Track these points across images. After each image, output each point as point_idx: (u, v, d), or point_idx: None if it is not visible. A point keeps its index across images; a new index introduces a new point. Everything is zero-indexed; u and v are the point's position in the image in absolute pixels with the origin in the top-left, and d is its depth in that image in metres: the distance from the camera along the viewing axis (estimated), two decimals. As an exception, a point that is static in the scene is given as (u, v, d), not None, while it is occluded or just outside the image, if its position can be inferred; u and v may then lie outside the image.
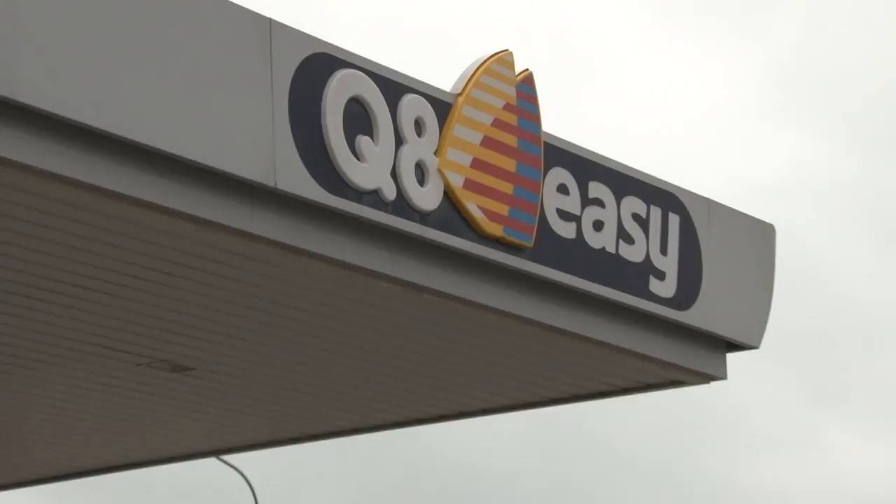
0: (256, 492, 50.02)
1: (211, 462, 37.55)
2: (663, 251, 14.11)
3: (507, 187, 12.72)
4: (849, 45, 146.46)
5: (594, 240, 13.56)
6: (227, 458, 34.88)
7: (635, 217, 13.90)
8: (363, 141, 11.69)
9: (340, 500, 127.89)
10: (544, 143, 13.10)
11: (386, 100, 11.92)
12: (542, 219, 13.06)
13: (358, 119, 11.68)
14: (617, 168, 13.88)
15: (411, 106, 12.11)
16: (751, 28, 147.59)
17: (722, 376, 15.26)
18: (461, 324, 13.55)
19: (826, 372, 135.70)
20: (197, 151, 10.67)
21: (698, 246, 14.39)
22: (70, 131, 10.12)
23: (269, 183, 11.14)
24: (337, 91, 11.57)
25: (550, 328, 13.63)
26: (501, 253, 12.80)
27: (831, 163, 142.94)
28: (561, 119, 13.12)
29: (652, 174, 14.21)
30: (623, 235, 13.80)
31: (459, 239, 12.47)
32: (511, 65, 12.94)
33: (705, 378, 15.26)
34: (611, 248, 13.71)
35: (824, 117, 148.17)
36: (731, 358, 15.29)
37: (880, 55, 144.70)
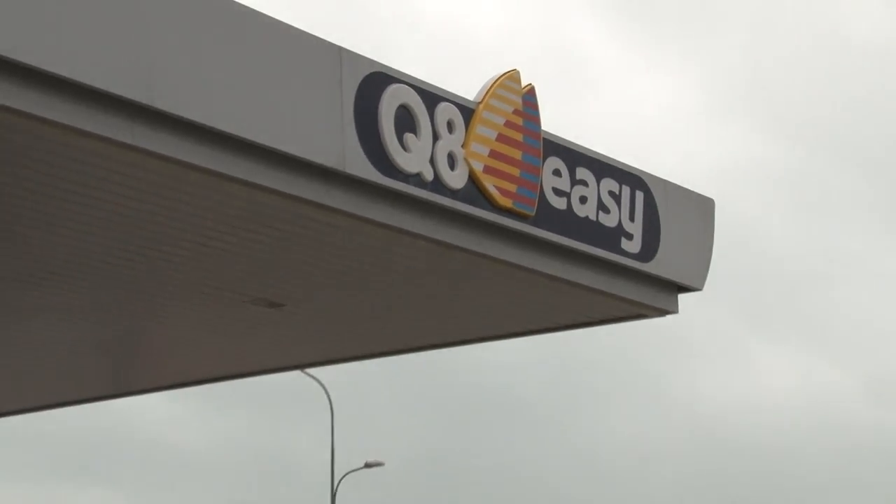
0: (331, 396, 49.91)
1: (296, 374, 37.42)
2: (631, 219, 14.30)
3: (515, 171, 13.01)
4: (782, 51, 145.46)
5: (580, 210, 13.79)
6: (309, 370, 34.63)
7: (611, 193, 14.11)
8: (408, 137, 12.00)
9: (393, 400, 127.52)
10: (543, 138, 13.37)
11: (426, 106, 12.20)
12: (542, 195, 13.32)
13: (404, 120, 11.98)
14: (597, 157, 14.07)
15: (444, 111, 12.39)
16: (701, 39, 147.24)
17: (674, 311, 15.45)
18: (480, 272, 13.78)
19: (756, 309, 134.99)
20: (289, 145, 11.12)
21: (657, 215, 14.56)
22: (207, 135, 10.63)
23: (340, 168, 11.49)
24: (389, 100, 11.88)
25: (547, 276, 13.86)
26: (511, 220, 13.06)
27: (764, 151, 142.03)
28: (555, 119, 13.36)
29: (623, 161, 14.41)
30: (601, 207, 14.01)
31: (480, 210, 12.75)
32: (518, 80, 13.20)
33: (662, 312, 15.43)
34: (592, 217, 13.91)
35: (759, 114, 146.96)
36: (682, 298, 15.48)
37: (805, 58, 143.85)
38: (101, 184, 11.42)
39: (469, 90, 12.84)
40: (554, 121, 13.43)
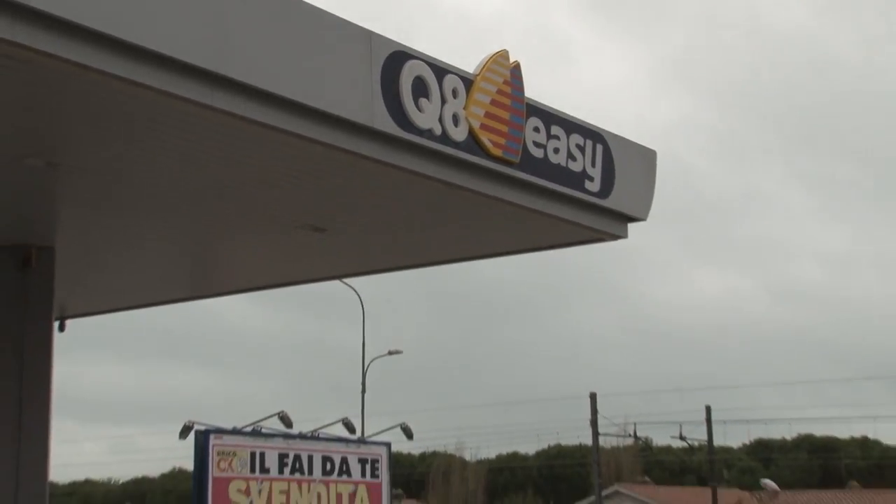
0: (363, 299, 49.77)
1: (336, 283, 37.16)
2: (593, 165, 14.26)
3: (504, 128, 13.02)
4: (715, 34, 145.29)
5: (553, 158, 13.78)
6: (345, 280, 34.24)
7: (577, 146, 14.07)
8: (422, 101, 12.05)
9: (410, 302, 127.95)
10: (525, 102, 13.36)
11: (435, 77, 12.24)
12: (524, 146, 13.32)
13: (419, 88, 12.02)
14: (567, 117, 14.02)
15: (450, 81, 12.41)
16: (652, 27, 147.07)
17: (625, 236, 15.44)
18: (477, 206, 13.77)
19: (691, 234, 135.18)
20: (331, 107, 11.23)
21: (613, 162, 14.54)
22: (269, 98, 10.78)
23: (370, 124, 11.60)
24: (407, 73, 11.93)
25: (528, 209, 13.87)
26: (500, 166, 13.08)
27: (700, 114, 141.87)
28: (536, 87, 13.31)
29: (587, 121, 14.35)
30: (570, 156, 13.97)
31: (477, 157, 12.77)
32: (507, 58, 13.19)
33: (615, 237, 15.41)
34: (563, 164, 13.89)
35: (695, 85, 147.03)
36: (631, 226, 15.46)
37: (732, 40, 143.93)
38: (191, 138, 11.56)
39: (469, 65, 12.86)
40: (535, 88, 13.43)
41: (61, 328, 16.83)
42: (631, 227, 15.54)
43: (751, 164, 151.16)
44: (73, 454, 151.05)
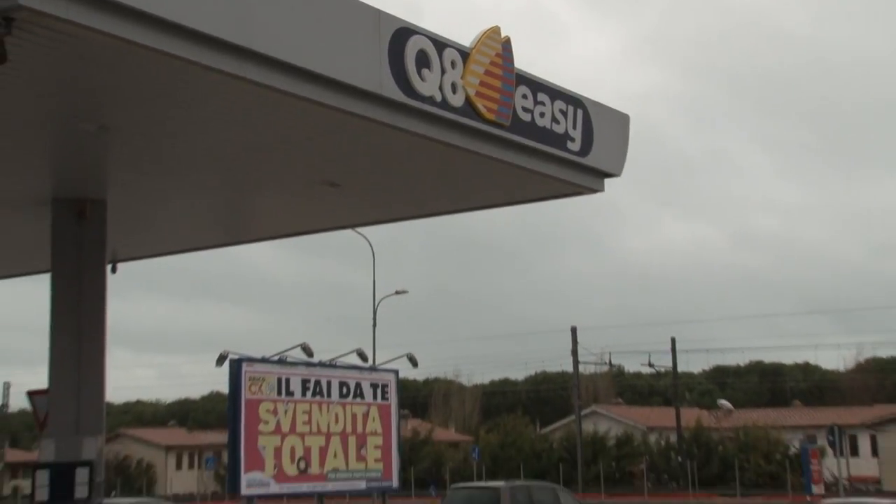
0: (373, 246, 49.76)
1: (349, 232, 37.06)
2: (574, 127, 14.20)
3: (496, 95, 12.97)
4: (685, 15, 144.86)
5: (540, 122, 13.72)
6: (358, 229, 34.18)
7: (560, 111, 14.01)
8: (424, 71, 12.02)
9: (414, 249, 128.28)
10: (515, 73, 13.26)
11: (436, 50, 12.20)
12: (514, 111, 13.27)
13: (422, 60, 12.00)
14: (551, 85, 13.95)
15: (449, 54, 12.36)
16: (630, 6, 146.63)
17: (601, 190, 15.38)
18: (473, 164, 13.73)
19: (663, 188, 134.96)
20: (346, 77, 11.22)
21: (591, 125, 14.46)
22: (291, 69, 10.82)
23: (379, 91, 11.59)
24: (411, 46, 11.91)
25: (517, 166, 13.84)
26: (494, 128, 13.04)
27: (670, 83, 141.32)
28: (526, 59, 13.24)
29: (570, 89, 14.27)
30: (554, 119, 13.92)
31: (472, 121, 12.74)
32: (499, 33, 13.12)
33: (594, 191, 15.37)
34: (548, 126, 13.83)
35: (666, 58, 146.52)
36: (608, 182, 15.42)
37: (699, 19, 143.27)
38: (223, 105, 11.53)
39: (466, 39, 12.77)
40: (525, 60, 13.39)
41: (114, 270, 16.83)
42: (607, 182, 15.47)
43: (715, 127, 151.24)
44: (125, 379, 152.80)
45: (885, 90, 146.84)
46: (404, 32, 11.88)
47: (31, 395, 16.97)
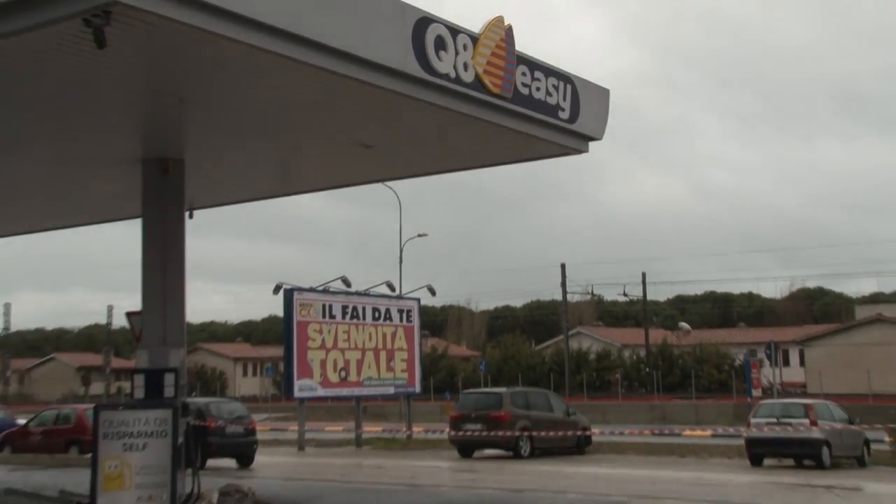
0: (400, 197, 49.61)
1: (379, 185, 36.90)
2: (564, 99, 14.08)
3: (500, 72, 12.89)
4: (662, 2, 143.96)
5: (536, 95, 13.60)
6: (387, 183, 34.04)
7: (553, 86, 13.89)
8: (441, 52, 11.95)
9: (432, 198, 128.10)
10: (516, 54, 13.16)
11: (451, 36, 12.10)
12: (515, 86, 13.18)
13: (439, 43, 11.92)
14: (545, 64, 13.80)
15: (461, 38, 12.27)
16: None
17: (586, 151, 15.24)
18: (481, 129, 13.55)
19: (638, 149, 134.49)
20: (378, 57, 11.15)
21: (578, 97, 14.33)
22: (334, 52, 10.73)
23: (403, 69, 11.53)
24: (430, 33, 11.83)
25: (516, 131, 13.73)
26: (498, 100, 12.95)
27: (641, 62, 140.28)
28: (525, 43, 13.14)
29: (561, 67, 14.16)
30: (548, 93, 13.81)
31: (480, 94, 12.67)
32: (503, 21, 12.97)
33: (580, 152, 15.20)
34: (542, 98, 13.71)
35: (642, 41, 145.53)
36: (592, 145, 15.31)
37: (678, 9, 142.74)
38: (279, 81, 11.46)
39: (476, 26, 12.66)
40: (525, 43, 13.27)
41: (191, 216, 16.82)
42: (592, 145, 15.31)
43: (681, 95, 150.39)
44: (202, 304, 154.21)
45: (815, 68, 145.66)
46: (425, 21, 11.78)
47: (129, 315, 17.14)
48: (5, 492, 16.98)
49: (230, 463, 24.21)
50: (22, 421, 32.02)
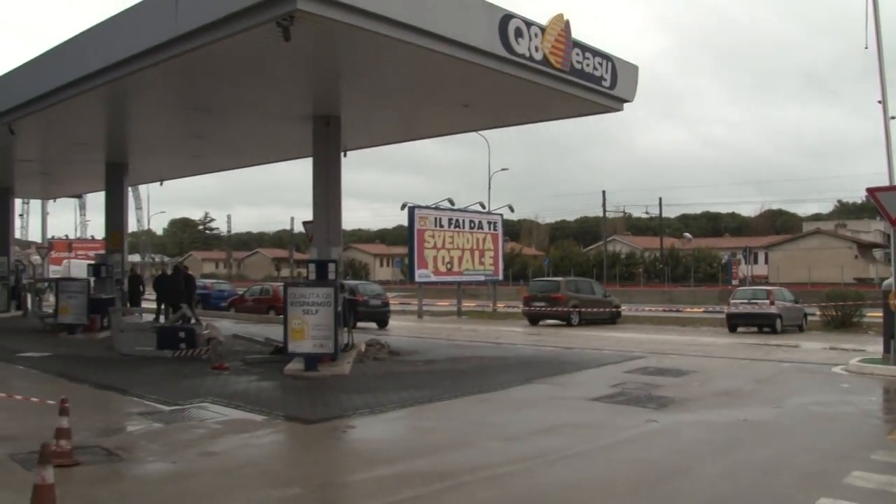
0: (489, 143, 48.94)
1: (474, 134, 36.28)
2: (606, 72, 13.73)
3: (561, 54, 12.58)
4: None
5: (586, 69, 13.30)
6: (480, 132, 33.41)
7: (598, 63, 13.56)
8: (519, 39, 11.73)
9: (510, 145, 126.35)
10: (572, 41, 12.78)
11: (526, 27, 11.84)
12: (571, 63, 12.86)
13: (518, 32, 11.68)
14: (593, 48, 13.46)
15: (533, 29, 12.02)
16: None
17: (622, 109, 14.85)
18: (547, 95, 13.24)
19: (660, 107, 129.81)
20: (476, 43, 10.89)
21: (616, 72, 13.96)
22: (443, 39, 10.53)
23: (492, 51, 11.30)
24: (511, 25, 11.60)
25: (572, 95, 13.44)
26: (559, 72, 12.67)
27: (667, 43, 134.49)
28: (579, 31, 12.76)
29: (603, 49, 13.72)
30: (595, 68, 13.48)
31: (547, 68, 12.41)
32: (562, 17, 12.62)
33: (616, 110, 14.77)
34: (591, 71, 13.40)
35: (668, 26, 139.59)
36: (626, 105, 14.86)
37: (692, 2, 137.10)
38: (408, 61, 11.28)
39: (543, 20, 12.27)
40: (579, 31, 12.84)
41: (345, 155, 16.91)
42: (626, 105, 14.84)
43: (692, 72, 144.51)
44: (353, 216, 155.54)
45: (786, 53, 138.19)
46: (507, 17, 11.52)
47: (305, 223, 17.42)
48: (233, 336, 17.69)
49: (372, 325, 24.57)
50: (240, 292, 33.09)
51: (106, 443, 7.23)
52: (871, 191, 12.92)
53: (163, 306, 20.46)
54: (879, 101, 13.30)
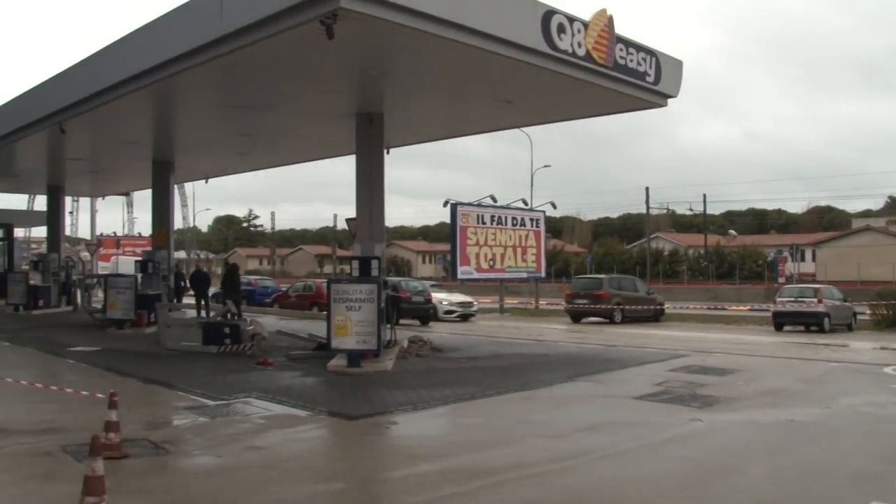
0: (532, 140, 48.79)
1: (517, 130, 36.30)
2: (650, 67, 13.54)
3: (604, 49, 12.44)
4: None
5: (630, 65, 13.11)
6: (522, 128, 33.37)
7: (642, 58, 13.36)
8: (562, 35, 11.61)
9: (557, 142, 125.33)
10: (615, 36, 12.62)
11: (569, 23, 11.71)
12: (615, 59, 12.70)
13: (560, 28, 11.56)
14: (636, 43, 13.26)
15: (576, 25, 11.88)
16: None
17: (666, 105, 14.59)
18: (590, 90, 13.09)
19: (702, 101, 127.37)
20: (519, 39, 10.80)
21: (661, 67, 13.76)
22: (487, 36, 10.48)
23: (536, 47, 11.19)
24: (554, 21, 11.51)
25: (616, 91, 13.26)
26: (602, 68, 12.51)
27: (714, 38, 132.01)
28: (622, 26, 12.59)
29: (647, 45, 13.54)
30: (639, 63, 13.28)
31: (590, 64, 12.26)
32: (606, 13, 12.43)
33: (661, 105, 14.55)
34: (635, 67, 13.22)
35: (713, 23, 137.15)
36: (670, 100, 14.64)
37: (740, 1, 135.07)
38: (449, 57, 11.17)
39: (587, 15, 12.15)
40: (622, 26, 12.66)
41: (388, 152, 16.92)
42: (670, 101, 14.60)
43: (740, 65, 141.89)
44: (395, 213, 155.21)
45: (841, 46, 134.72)
46: (550, 13, 11.41)
47: (348, 220, 17.45)
48: (277, 332, 17.89)
49: (415, 322, 24.66)
50: (284, 288, 33.29)
51: (153, 436, 7.36)
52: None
53: (202, 302, 20.83)
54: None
